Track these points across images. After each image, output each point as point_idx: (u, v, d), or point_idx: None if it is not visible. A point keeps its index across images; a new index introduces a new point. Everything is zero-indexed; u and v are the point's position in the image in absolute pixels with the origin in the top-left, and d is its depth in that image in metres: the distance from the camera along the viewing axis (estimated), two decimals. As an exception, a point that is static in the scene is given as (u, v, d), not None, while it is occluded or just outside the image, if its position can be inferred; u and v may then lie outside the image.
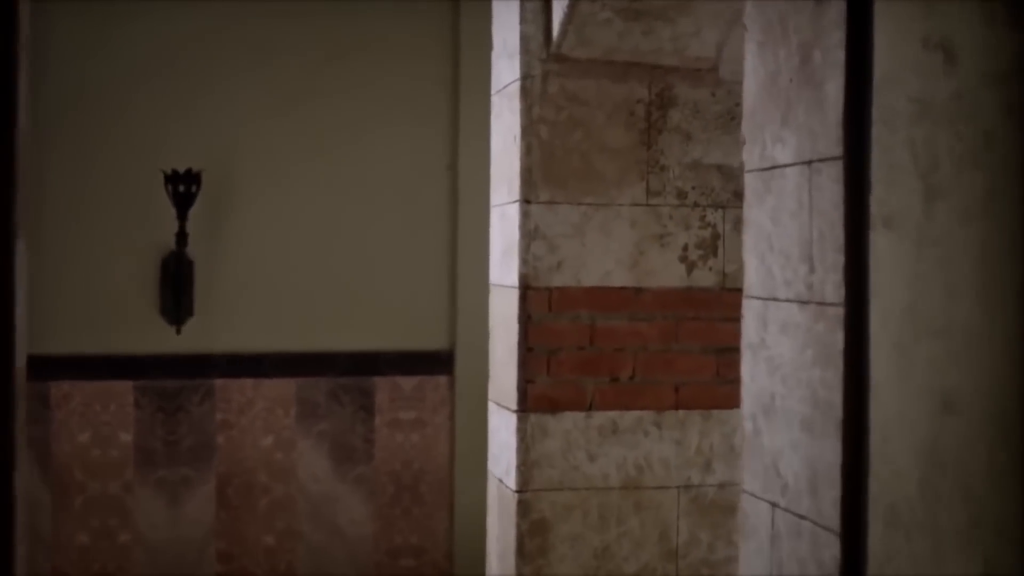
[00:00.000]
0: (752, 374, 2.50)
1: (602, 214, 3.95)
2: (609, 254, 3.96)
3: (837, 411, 2.17)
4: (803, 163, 2.28)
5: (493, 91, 4.25)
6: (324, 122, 6.30)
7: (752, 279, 2.50)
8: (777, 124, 2.39)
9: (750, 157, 2.51)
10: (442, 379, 6.69)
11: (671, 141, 3.99)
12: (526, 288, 3.91)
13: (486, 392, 5.01)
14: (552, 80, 3.90)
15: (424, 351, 6.67)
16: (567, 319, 3.93)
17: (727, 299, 4.05)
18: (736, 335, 4.10)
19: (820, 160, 2.22)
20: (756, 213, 2.48)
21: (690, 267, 4.02)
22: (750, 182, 2.51)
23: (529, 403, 3.92)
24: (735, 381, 4.13)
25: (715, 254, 4.04)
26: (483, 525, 4.95)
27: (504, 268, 4.07)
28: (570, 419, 3.94)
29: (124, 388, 6.20)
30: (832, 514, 2.18)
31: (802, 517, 2.28)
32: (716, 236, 4.04)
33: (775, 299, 2.40)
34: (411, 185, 6.46)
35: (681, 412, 4.03)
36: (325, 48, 6.25)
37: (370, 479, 6.63)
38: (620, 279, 3.97)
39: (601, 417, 3.97)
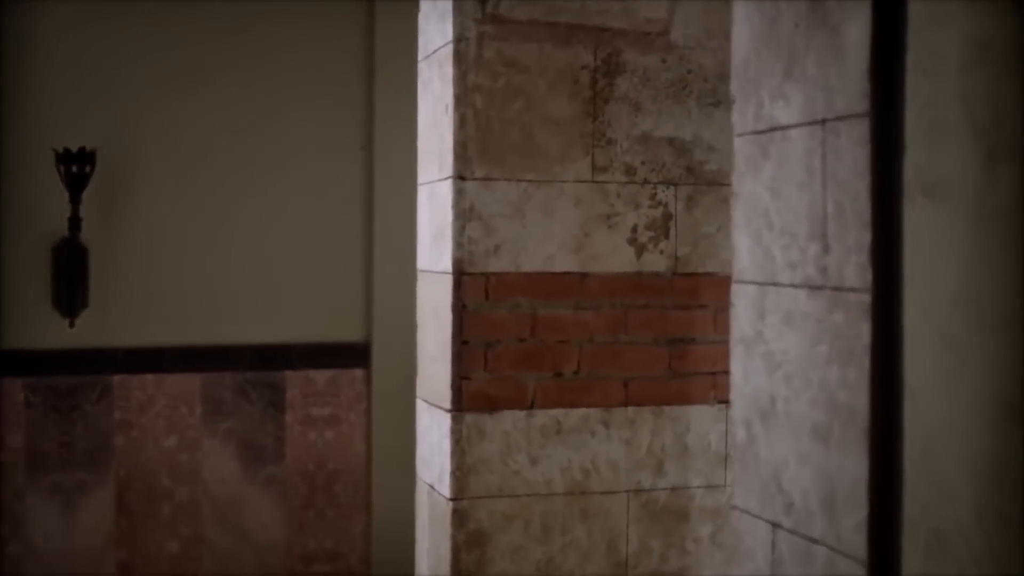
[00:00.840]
0: (745, 372, 2.14)
1: (544, 192, 3.57)
2: (551, 236, 3.59)
3: (862, 417, 1.82)
4: (814, 123, 1.93)
5: (421, 56, 3.85)
6: (228, 98, 5.84)
7: (744, 262, 2.14)
8: (778, 78, 2.03)
9: (742, 119, 2.15)
10: (358, 372, 6.28)
11: (619, 112, 3.63)
12: (460, 274, 3.53)
13: (405, 386, 4.66)
14: (488, 43, 3.52)
15: (338, 343, 6.26)
16: (506, 308, 3.55)
17: (680, 285, 3.70)
18: (690, 324, 3.77)
19: (837, 119, 1.87)
20: (749, 184, 2.12)
21: (640, 250, 3.66)
22: (741, 148, 2.15)
23: (464, 402, 3.54)
24: (689, 375, 3.80)
25: (666, 236, 3.69)
26: (403, 528, 4.58)
27: (435, 253, 3.68)
28: (510, 419, 3.57)
29: (13, 386, 5.70)
30: (856, 539, 1.83)
31: (814, 541, 1.93)
32: (668, 216, 3.69)
33: (775, 284, 2.04)
34: (323, 165, 6.03)
35: (631, 409, 3.67)
36: (228, 18, 5.79)
37: (281, 480, 6.21)
38: (564, 264, 3.60)
39: (544, 416, 3.60)
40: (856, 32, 1.82)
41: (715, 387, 3.74)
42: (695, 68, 3.69)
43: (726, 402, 3.75)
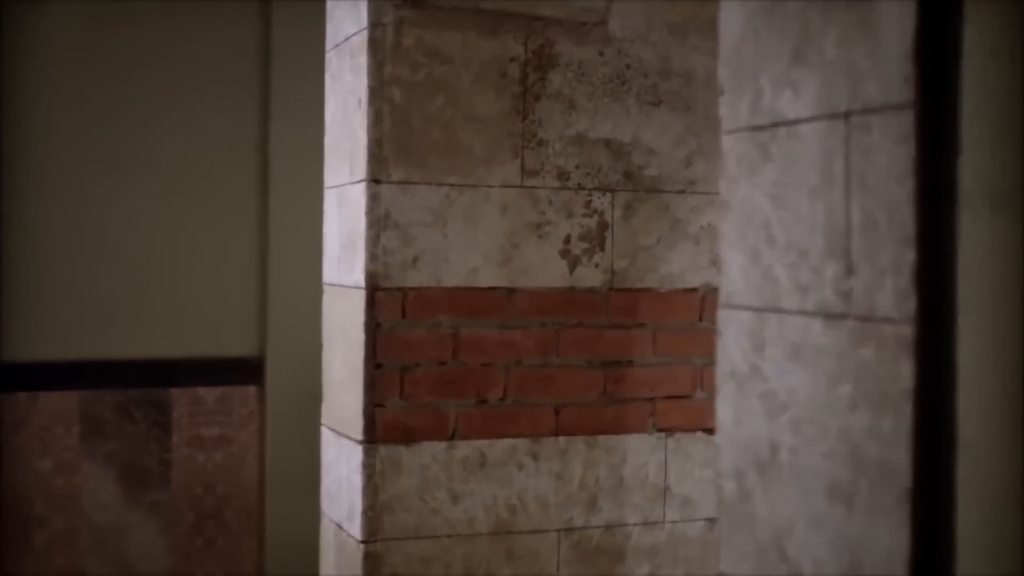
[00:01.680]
0: (736, 415, 1.79)
1: (468, 198, 3.20)
2: (476, 247, 3.22)
3: (900, 477, 1.48)
4: (834, 116, 1.59)
5: (330, 45, 3.45)
6: (108, 93, 5.37)
7: (736, 283, 1.79)
8: (784, 62, 1.69)
9: (733, 112, 1.80)
10: (250, 389, 5.81)
11: (551, 110, 3.27)
12: (374, 289, 3.14)
13: (303, 405, 4.27)
14: (408, 31, 3.14)
15: (229, 358, 5.79)
16: (425, 328, 3.17)
17: (616, 302, 3.36)
18: (627, 345, 3.42)
19: (867, 111, 1.53)
20: (744, 191, 1.77)
21: (573, 263, 3.31)
22: (733, 147, 1.80)
23: (378, 432, 3.16)
24: (625, 400, 3.46)
25: (602, 247, 3.34)
26: (301, 560, 4.18)
27: (345, 264, 3.29)
28: (429, 451, 3.19)
29: None
30: (891, 627, 1.49)
31: (832, 624, 1.58)
32: (603, 226, 3.34)
33: (778, 310, 1.70)
34: (214, 167, 5.58)
35: (562, 439, 3.32)
36: (110, 9, 5.32)
37: (167, 506, 5.72)
38: (489, 278, 3.24)
39: (466, 448, 3.23)
40: (894, 2, 1.48)
41: (654, 414, 3.40)
42: (634, 63, 3.35)
43: (666, 430, 3.42)
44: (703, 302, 3.43)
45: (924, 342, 1.45)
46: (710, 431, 3.46)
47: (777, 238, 1.70)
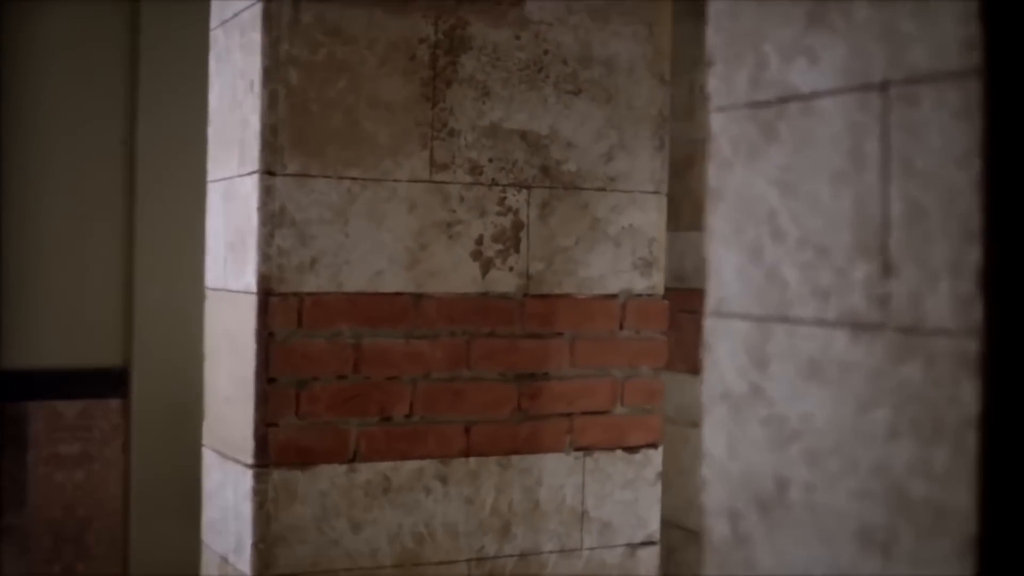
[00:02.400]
0: (730, 443, 1.52)
1: (372, 193, 2.89)
2: (381, 248, 2.91)
3: (960, 522, 1.22)
4: (866, 88, 1.32)
5: (215, 23, 3.10)
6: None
7: (729, 287, 1.52)
8: (797, 26, 1.42)
9: (726, 86, 1.53)
10: (113, 403, 5.41)
11: (463, 97, 2.98)
12: (267, 294, 2.81)
13: (176, 420, 4.01)
14: (306, 6, 2.81)
15: (91, 369, 5.38)
16: (324, 337, 2.85)
17: (532, 309, 3.07)
18: (544, 356, 3.14)
19: (913, 81, 1.26)
20: (741, 178, 1.50)
21: (486, 266, 3.02)
22: (726, 127, 1.52)
23: (271, 455, 2.82)
24: (541, 417, 3.17)
25: (516, 249, 3.05)
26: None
27: (232, 266, 2.95)
28: (327, 475, 2.87)
29: None
30: None
31: None
32: (518, 225, 3.06)
33: (787, 320, 1.43)
34: (75, 164, 5.16)
35: (473, 460, 3.02)
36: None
37: (23, 529, 5.29)
38: (395, 282, 2.93)
39: (369, 471, 2.91)
40: (954, -51, 1.22)
41: (571, 431, 3.12)
42: (553, 48, 3.07)
43: (584, 449, 3.14)
44: (624, 309, 3.17)
45: (993, 358, 1.19)
46: (630, 449, 3.20)
47: (786, 233, 1.42)
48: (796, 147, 1.41)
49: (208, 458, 3.12)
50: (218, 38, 3.07)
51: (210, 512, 3.11)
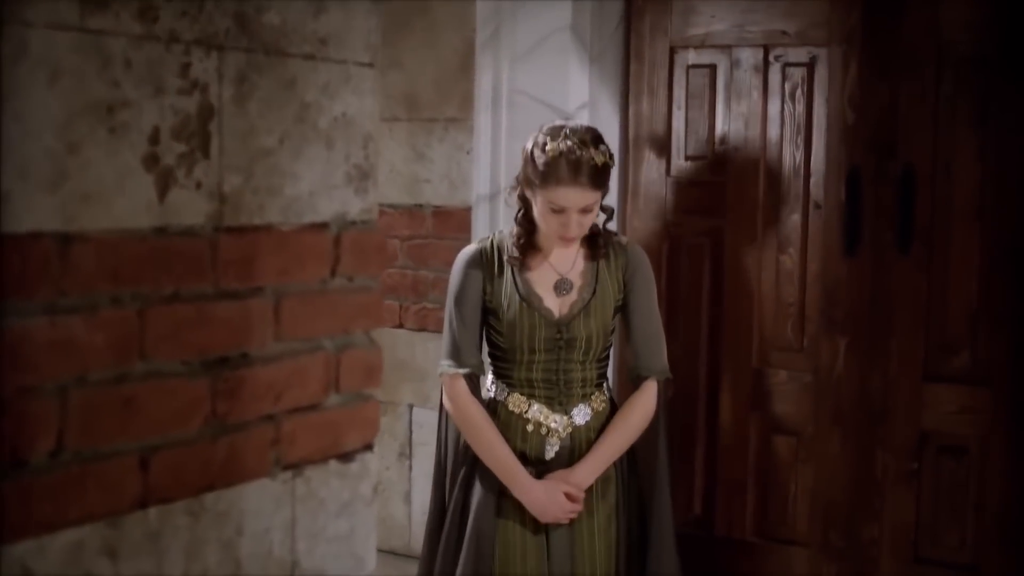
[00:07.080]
0: None
1: (-13, 47, 1.52)
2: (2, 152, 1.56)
3: None
4: None
5: None
6: None
7: None
8: None
9: None
10: None
11: None
12: None
13: None
14: None
15: None
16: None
17: (228, 252, 1.87)
18: (245, 326, 1.91)
19: None
20: None
21: (164, 180, 1.76)
22: None
23: None
24: (241, 425, 1.95)
25: (205, 152, 1.82)
26: None
27: None
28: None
29: None
30: None
31: None
32: (207, 111, 1.82)
33: None
34: None
35: (153, 512, 1.78)
36: None
37: None
38: (28, 217, 1.60)
39: (-5, 562, 1.58)
40: None
41: (277, 441, 1.98)
42: None
43: (293, 466, 2.01)
44: (337, 245, 2.05)
45: None
46: (345, 457, 2.11)
47: None
48: None
49: None
50: None
51: None
